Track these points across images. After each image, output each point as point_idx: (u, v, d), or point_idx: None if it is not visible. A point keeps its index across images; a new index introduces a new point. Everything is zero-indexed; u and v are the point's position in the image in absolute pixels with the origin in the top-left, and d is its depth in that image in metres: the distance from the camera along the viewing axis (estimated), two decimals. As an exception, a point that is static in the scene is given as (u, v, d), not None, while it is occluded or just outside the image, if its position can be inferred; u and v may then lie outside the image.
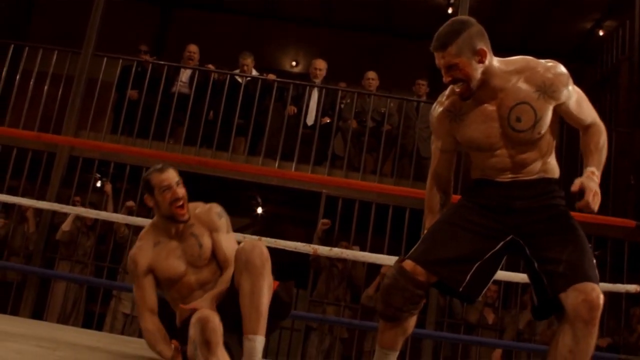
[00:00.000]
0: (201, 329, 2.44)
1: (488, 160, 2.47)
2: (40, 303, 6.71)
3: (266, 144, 7.42)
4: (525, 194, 2.43)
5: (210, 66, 7.76)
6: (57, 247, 6.82)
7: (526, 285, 6.53)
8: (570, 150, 2.20)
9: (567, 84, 2.38)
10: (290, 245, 4.36)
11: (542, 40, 9.59)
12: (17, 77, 7.58)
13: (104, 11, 7.30)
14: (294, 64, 10.93)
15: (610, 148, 7.60)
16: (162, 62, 7.76)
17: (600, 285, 2.30)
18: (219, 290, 2.76)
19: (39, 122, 7.20)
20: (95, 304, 6.83)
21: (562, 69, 2.40)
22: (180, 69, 7.76)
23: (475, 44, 2.33)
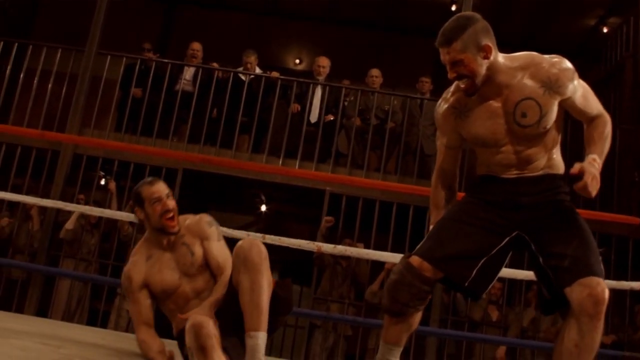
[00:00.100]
0: (195, 334, 2.43)
1: (494, 157, 2.47)
2: (44, 301, 6.73)
3: (270, 142, 7.42)
4: (530, 190, 2.44)
5: (214, 64, 7.77)
6: (62, 245, 6.84)
7: (530, 283, 6.52)
8: (575, 145, 2.19)
9: (573, 79, 2.38)
10: (294, 243, 4.36)
11: (546, 38, 9.57)
12: (21, 76, 7.59)
13: (107, 9, 7.32)
14: (297, 61, 10.92)
15: (614, 145, 7.62)
16: (166, 60, 7.76)
17: (605, 282, 2.29)
18: (215, 298, 2.77)
19: (42, 120, 7.21)
20: (100, 301, 6.84)
21: (567, 64, 2.39)
22: (184, 67, 7.76)
23: (480, 40, 2.33)
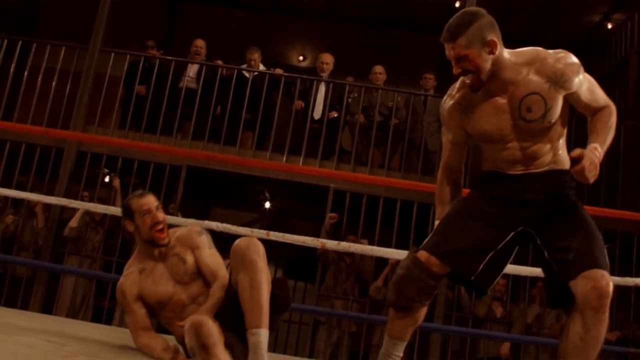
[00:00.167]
0: (195, 333, 2.43)
1: (499, 153, 2.47)
2: (49, 297, 6.75)
3: (274, 139, 7.42)
4: (536, 186, 2.44)
5: (218, 61, 7.77)
6: (66, 242, 6.85)
7: (534, 279, 6.52)
8: (580, 141, 2.19)
9: (578, 73, 2.38)
10: (298, 240, 4.36)
11: (550, 34, 9.53)
12: (25, 73, 7.60)
13: (111, 7, 7.31)
14: (301, 58, 10.92)
15: (619, 141, 7.59)
16: (170, 58, 7.77)
17: (609, 276, 2.29)
18: (213, 302, 2.78)
19: (47, 118, 7.22)
20: (104, 298, 6.85)
21: (573, 58, 2.39)
22: (188, 64, 7.76)
23: (485, 35, 2.33)
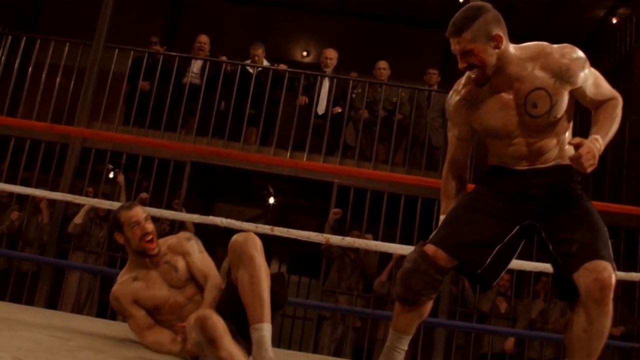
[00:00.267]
0: (201, 328, 2.42)
1: (506, 149, 2.48)
2: (54, 293, 6.77)
3: (278, 134, 7.42)
4: (541, 181, 2.44)
5: (223, 57, 7.77)
6: (71, 238, 6.86)
7: (538, 275, 6.51)
8: (585, 133, 2.19)
9: (584, 68, 2.37)
10: (302, 235, 4.37)
11: (555, 29, 9.50)
12: (30, 70, 7.61)
13: (114, 3, 7.32)
14: (304, 54, 10.90)
15: (624, 136, 7.56)
16: (174, 54, 7.77)
17: (612, 268, 2.27)
18: (210, 301, 2.82)
19: (51, 114, 7.23)
20: (109, 293, 6.85)
21: (578, 53, 2.38)
22: (192, 60, 7.76)
23: (490, 30, 2.32)
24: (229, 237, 2.83)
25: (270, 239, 4.72)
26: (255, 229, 4.19)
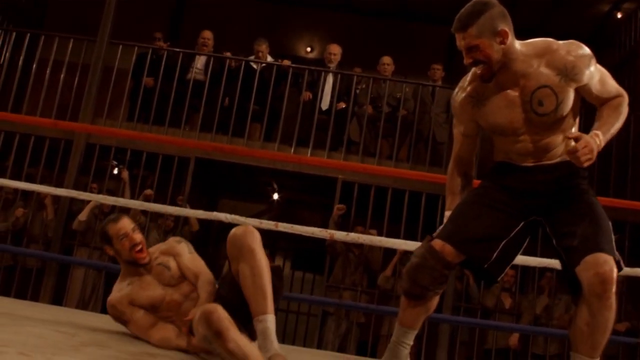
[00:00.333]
0: (206, 321, 2.42)
1: (512, 146, 2.47)
2: (59, 289, 6.79)
3: (282, 130, 7.43)
4: (548, 177, 2.44)
5: (227, 53, 7.76)
6: (76, 234, 6.88)
7: (543, 270, 6.51)
8: (589, 129, 2.18)
9: (589, 65, 2.36)
10: (306, 231, 4.36)
11: (560, 23, 9.47)
12: (34, 66, 7.63)
13: (118, -1, 7.34)
14: (308, 49, 10.89)
15: (629, 132, 7.51)
16: (177, 50, 7.77)
17: (614, 261, 2.26)
18: (206, 296, 2.85)
19: (55, 111, 7.24)
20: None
21: (584, 50, 2.37)
22: (195, 56, 7.76)
23: (496, 25, 2.32)
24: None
25: (275, 234, 4.72)
26: (260, 225, 4.19)
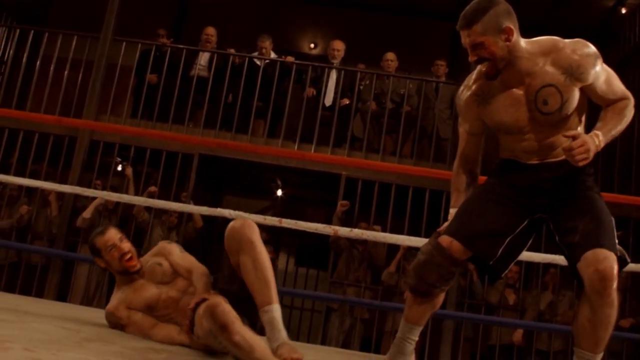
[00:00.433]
0: (211, 315, 2.41)
1: (517, 144, 2.48)
2: (64, 285, 6.81)
3: (285, 126, 7.43)
4: (553, 175, 2.44)
5: (231, 50, 7.76)
6: (80, 231, 6.89)
7: (547, 266, 6.50)
8: (592, 128, 2.17)
9: (595, 64, 2.34)
10: (310, 227, 4.36)
11: (564, 19, 9.44)
12: (38, 63, 7.64)
13: (122, -4, 7.34)
14: (312, 45, 10.87)
15: (633, 127, 7.49)
16: (181, 46, 7.77)
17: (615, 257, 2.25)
18: (202, 286, 2.87)
19: (59, 107, 7.25)
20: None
21: (590, 49, 2.36)
22: (199, 53, 7.76)
23: (501, 22, 2.31)
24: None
25: (278, 231, 4.73)
26: (264, 221, 4.19)
